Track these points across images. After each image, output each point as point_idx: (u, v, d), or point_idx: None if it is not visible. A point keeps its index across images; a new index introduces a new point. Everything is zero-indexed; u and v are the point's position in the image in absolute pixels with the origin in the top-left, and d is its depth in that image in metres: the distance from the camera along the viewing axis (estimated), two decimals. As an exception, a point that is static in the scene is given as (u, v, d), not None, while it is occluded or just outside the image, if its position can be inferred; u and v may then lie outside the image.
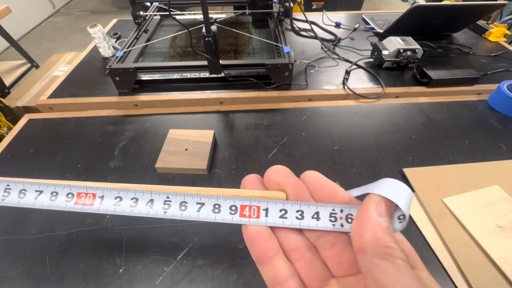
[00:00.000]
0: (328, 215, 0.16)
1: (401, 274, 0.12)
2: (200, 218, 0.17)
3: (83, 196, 0.17)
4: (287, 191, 0.17)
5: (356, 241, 0.14)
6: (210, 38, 0.52)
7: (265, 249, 0.16)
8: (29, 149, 0.50)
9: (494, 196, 0.41)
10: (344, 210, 0.16)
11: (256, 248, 0.16)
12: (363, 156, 0.48)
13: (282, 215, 0.16)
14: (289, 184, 0.16)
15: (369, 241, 0.13)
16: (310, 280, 0.16)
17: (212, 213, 0.17)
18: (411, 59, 0.65)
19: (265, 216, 0.16)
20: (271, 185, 0.17)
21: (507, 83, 0.57)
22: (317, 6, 2.02)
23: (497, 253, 0.34)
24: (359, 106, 0.59)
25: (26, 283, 0.34)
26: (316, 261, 0.16)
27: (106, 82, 0.64)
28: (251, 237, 0.16)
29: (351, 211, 0.16)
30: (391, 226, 0.14)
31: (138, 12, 0.76)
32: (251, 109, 0.59)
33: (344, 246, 0.16)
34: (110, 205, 0.17)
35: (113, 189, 0.17)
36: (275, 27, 0.76)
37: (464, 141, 0.51)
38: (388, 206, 0.14)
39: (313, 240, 0.17)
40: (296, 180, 0.17)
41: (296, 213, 0.16)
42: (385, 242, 0.13)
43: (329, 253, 0.16)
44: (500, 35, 0.82)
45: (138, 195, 0.17)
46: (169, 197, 0.17)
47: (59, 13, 2.92)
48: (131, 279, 0.34)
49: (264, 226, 0.16)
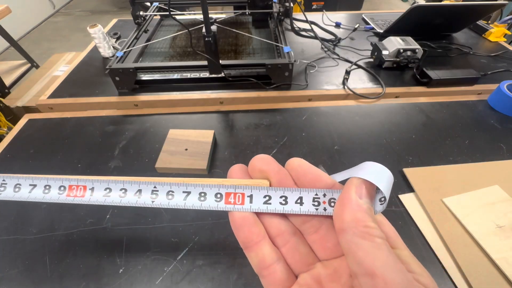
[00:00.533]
0: (311, 200, 0.16)
1: (380, 251, 0.13)
2: (186, 206, 0.17)
3: (74, 188, 0.18)
4: (271, 178, 0.17)
5: (337, 222, 0.14)
6: (210, 38, 0.52)
7: (251, 234, 0.16)
8: (29, 149, 0.50)
9: (494, 196, 0.41)
10: (327, 195, 0.16)
11: (242, 233, 0.16)
12: (363, 156, 0.48)
13: (266, 201, 0.17)
14: (272, 171, 0.17)
15: (349, 222, 0.14)
16: (296, 264, 0.16)
17: (198, 201, 0.17)
18: (411, 59, 0.65)
19: (250, 202, 0.17)
20: (255, 173, 0.17)
21: (507, 83, 0.57)
22: (317, 6, 2.02)
23: (497, 253, 0.34)
24: (359, 106, 0.59)
25: (26, 283, 0.34)
26: (301, 245, 0.17)
27: (106, 82, 0.64)
28: (237, 223, 0.16)
29: (333, 195, 0.16)
30: (371, 207, 0.14)
31: (138, 12, 0.76)
32: (251, 109, 0.59)
33: (328, 229, 0.16)
34: (100, 196, 0.18)
35: (103, 181, 0.18)
36: (275, 27, 0.76)
37: (464, 141, 0.51)
38: (368, 189, 0.15)
39: (298, 226, 0.17)
40: (279, 167, 0.17)
41: (280, 198, 0.17)
42: (364, 222, 0.13)
43: (314, 237, 0.17)
44: (500, 35, 0.82)
45: (126, 186, 0.18)
46: (156, 187, 0.18)
47: (59, 13, 2.92)
48: (131, 279, 0.34)
49: (249, 212, 0.17)
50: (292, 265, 0.16)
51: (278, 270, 0.16)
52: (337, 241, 0.15)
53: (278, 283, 0.16)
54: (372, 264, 0.12)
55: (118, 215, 0.40)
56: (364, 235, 0.13)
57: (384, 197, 0.15)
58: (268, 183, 0.17)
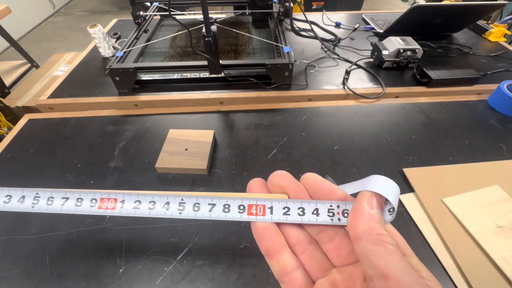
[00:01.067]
0: (326, 211, 0.18)
1: (392, 256, 0.14)
2: (212, 217, 0.18)
3: (105, 201, 0.19)
4: (289, 193, 0.18)
5: (352, 231, 0.16)
6: (210, 38, 0.52)
7: (273, 243, 0.17)
8: (29, 149, 0.50)
9: (494, 196, 0.41)
10: (341, 206, 0.18)
11: (264, 242, 0.18)
12: (363, 156, 0.48)
13: (286, 212, 0.18)
14: (290, 186, 0.18)
15: (363, 230, 0.15)
16: (313, 270, 0.18)
17: (222, 213, 0.18)
18: (411, 59, 0.65)
19: (270, 213, 0.18)
20: (274, 188, 0.19)
21: (507, 83, 0.57)
22: (317, 6, 2.02)
23: (497, 253, 0.34)
24: (359, 106, 0.59)
25: (26, 283, 0.34)
26: (317, 253, 0.18)
27: (106, 82, 0.64)
28: (260, 232, 0.18)
29: (346, 206, 0.18)
30: (382, 217, 0.16)
31: (138, 12, 0.76)
32: (251, 109, 0.59)
33: (342, 238, 0.18)
34: (130, 208, 0.19)
35: (133, 194, 0.19)
36: (275, 27, 0.76)
37: (464, 141, 0.51)
38: (378, 201, 0.16)
39: (314, 235, 0.19)
40: (296, 182, 0.19)
41: (298, 210, 0.18)
42: (377, 230, 0.15)
43: (329, 246, 0.18)
44: (500, 35, 0.82)
45: (155, 199, 0.19)
46: (184, 199, 0.19)
47: (59, 13, 2.92)
48: (131, 279, 0.34)
49: (271, 222, 0.18)
50: (310, 271, 0.18)
51: (298, 277, 0.17)
52: (350, 249, 0.17)
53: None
54: (386, 267, 0.13)
55: (120, 216, 0.40)
56: (377, 242, 0.14)
57: (392, 208, 0.17)
58: (287, 197, 0.18)
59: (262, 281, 0.33)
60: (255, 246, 0.37)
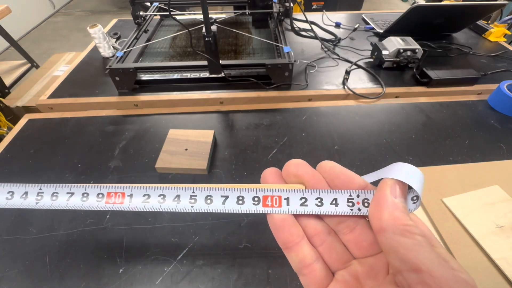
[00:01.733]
0: (345, 201, 0.17)
1: (422, 248, 0.13)
2: (225, 210, 0.18)
3: (112, 195, 0.18)
4: (306, 182, 0.18)
5: (375, 222, 0.15)
6: (210, 38, 0.52)
7: (291, 235, 0.17)
8: (29, 149, 0.50)
9: (494, 196, 0.41)
10: (360, 195, 0.17)
11: (282, 234, 0.17)
12: (363, 156, 0.48)
13: (303, 203, 0.17)
14: (307, 175, 0.17)
15: (388, 221, 0.14)
16: (333, 262, 0.17)
17: (236, 205, 0.18)
18: (411, 59, 0.65)
19: (287, 205, 0.17)
20: (290, 177, 0.18)
21: (507, 83, 0.57)
22: (317, 6, 2.02)
23: (497, 253, 0.34)
24: (359, 106, 0.59)
25: (26, 283, 0.34)
26: (337, 244, 0.17)
27: (106, 82, 0.64)
28: (277, 224, 0.17)
29: (367, 195, 0.17)
30: (406, 206, 0.15)
31: (138, 12, 0.76)
32: (251, 109, 0.59)
33: (363, 229, 0.17)
34: (139, 202, 0.18)
35: (141, 187, 0.18)
36: (275, 27, 0.76)
37: (464, 141, 0.51)
38: (402, 188, 0.15)
39: (333, 226, 0.18)
40: (313, 171, 0.18)
41: (316, 200, 0.17)
42: (402, 220, 0.14)
43: (349, 237, 0.17)
44: (500, 35, 0.82)
45: (165, 192, 0.18)
46: (195, 192, 0.18)
47: (59, 13, 2.92)
48: (131, 279, 0.34)
49: (288, 214, 0.17)
50: (329, 262, 0.17)
51: (317, 269, 0.17)
52: (372, 240, 0.16)
53: (318, 280, 0.17)
54: (417, 260, 0.13)
55: (118, 215, 0.40)
56: (404, 232, 0.14)
57: (416, 196, 0.16)
58: (303, 187, 0.18)
59: (262, 281, 0.33)
60: (255, 246, 0.38)
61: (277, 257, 0.36)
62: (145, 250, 0.36)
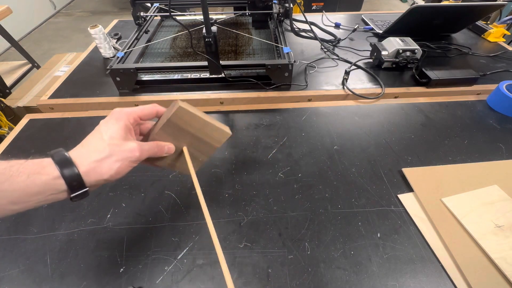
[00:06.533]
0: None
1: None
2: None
3: None
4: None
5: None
6: (210, 39, 0.53)
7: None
8: (30, 149, 0.51)
9: (493, 195, 0.41)
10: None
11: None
12: (362, 156, 0.48)
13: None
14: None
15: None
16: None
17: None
18: (410, 60, 0.66)
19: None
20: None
21: (506, 83, 0.57)
22: (317, 7, 2.02)
23: (496, 253, 0.34)
24: (359, 106, 0.59)
25: (27, 283, 0.34)
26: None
27: (107, 82, 0.65)
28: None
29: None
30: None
31: (138, 12, 0.76)
32: (251, 109, 0.59)
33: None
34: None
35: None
36: (275, 27, 0.77)
37: (463, 141, 0.51)
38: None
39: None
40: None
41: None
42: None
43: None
44: (499, 35, 0.82)
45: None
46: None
47: (60, 13, 2.92)
48: (132, 278, 0.34)
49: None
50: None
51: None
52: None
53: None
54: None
55: (119, 214, 0.40)
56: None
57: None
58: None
59: (262, 280, 0.34)
60: (255, 246, 0.38)
61: (277, 256, 0.36)
62: (146, 249, 0.36)
